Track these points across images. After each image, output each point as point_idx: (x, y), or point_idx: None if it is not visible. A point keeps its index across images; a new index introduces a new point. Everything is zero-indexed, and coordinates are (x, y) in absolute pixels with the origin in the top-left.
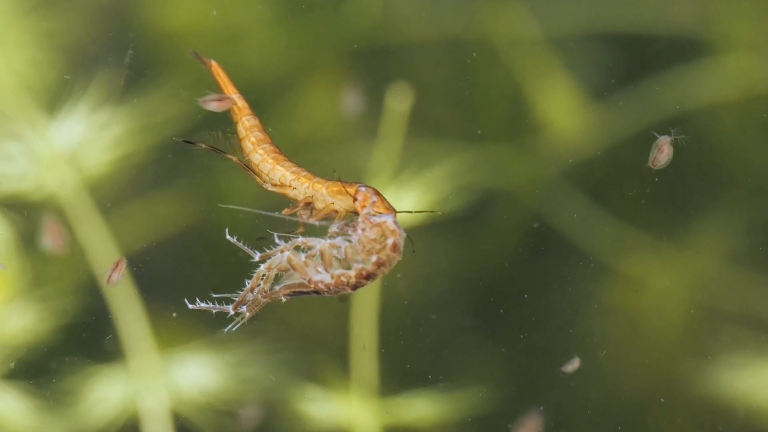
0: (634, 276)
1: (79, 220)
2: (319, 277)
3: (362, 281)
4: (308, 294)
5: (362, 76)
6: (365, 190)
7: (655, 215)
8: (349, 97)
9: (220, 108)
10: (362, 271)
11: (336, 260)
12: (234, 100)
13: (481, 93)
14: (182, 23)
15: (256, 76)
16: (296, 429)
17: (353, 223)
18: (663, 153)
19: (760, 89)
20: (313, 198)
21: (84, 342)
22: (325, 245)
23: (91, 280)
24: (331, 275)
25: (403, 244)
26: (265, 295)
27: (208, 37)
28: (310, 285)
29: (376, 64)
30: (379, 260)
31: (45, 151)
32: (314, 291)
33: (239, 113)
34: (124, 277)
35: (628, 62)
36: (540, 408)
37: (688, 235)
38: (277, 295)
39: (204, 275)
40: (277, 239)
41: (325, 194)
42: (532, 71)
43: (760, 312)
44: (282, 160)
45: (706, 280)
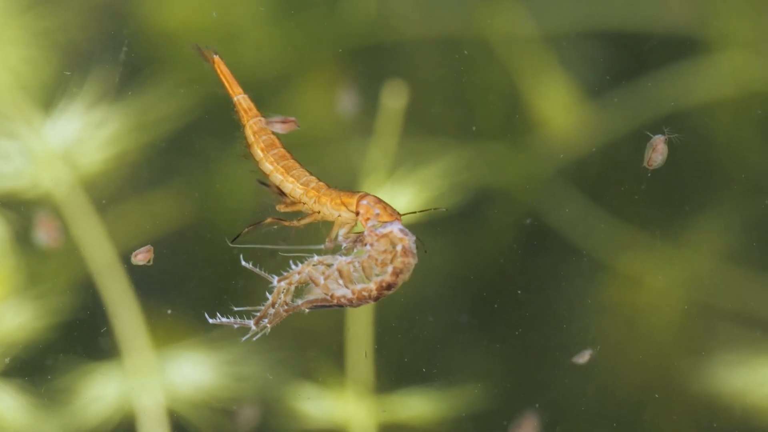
0: (630, 274)
1: (74, 218)
2: (341, 292)
3: (384, 292)
4: (331, 307)
5: (358, 74)
6: (366, 203)
7: (651, 213)
8: (344, 95)
9: (284, 130)
10: (382, 283)
11: (354, 275)
12: (239, 102)
13: (476, 91)
14: (178, 21)
15: (252, 74)
16: (292, 427)
17: (362, 237)
18: (658, 152)
19: (755, 87)
20: (321, 213)
21: (79, 340)
22: (342, 263)
23: (86, 278)
24: (352, 290)
25: (414, 246)
26: (286, 308)
27: (203, 35)
28: (333, 300)
29: (372, 62)
30: (395, 269)
31: (40, 148)
32: (337, 304)
33: (246, 115)
34: (121, 277)
35: (623, 60)
36: (536, 405)
37: (684, 232)
38: (299, 308)
39: (199, 273)
40: (293, 265)
41: (330, 207)
42: (527, 69)
43: (756, 309)
44: (292, 167)
45: (702, 277)
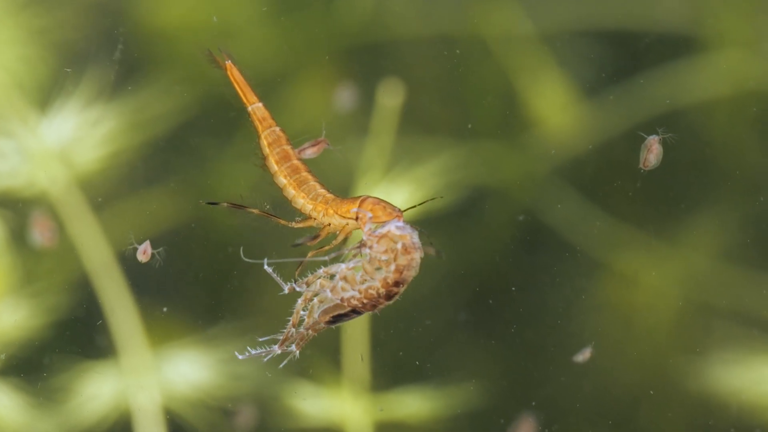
0: (627, 272)
1: (70, 217)
2: (349, 294)
3: (392, 289)
4: (348, 316)
5: (354, 73)
6: (358, 210)
7: (647, 211)
8: (340, 93)
9: (316, 153)
10: (387, 280)
11: (360, 279)
12: (254, 112)
13: (472, 89)
14: (174, 20)
15: (248, 72)
16: (289, 425)
17: (363, 242)
18: (653, 153)
19: (751, 85)
20: (331, 225)
21: (75, 338)
22: (345, 269)
23: (82, 277)
24: (359, 290)
25: (417, 241)
26: (309, 327)
27: (199, 34)
28: (345, 304)
29: (368, 61)
30: (398, 267)
31: (36, 147)
32: (352, 311)
33: (260, 126)
34: (117, 276)
35: (620, 59)
36: (533, 403)
37: (681, 230)
38: (319, 324)
39: (195, 271)
40: (297, 277)
41: (338, 218)
42: (523, 68)
43: (753, 308)
44: (304, 181)
45: (698, 276)
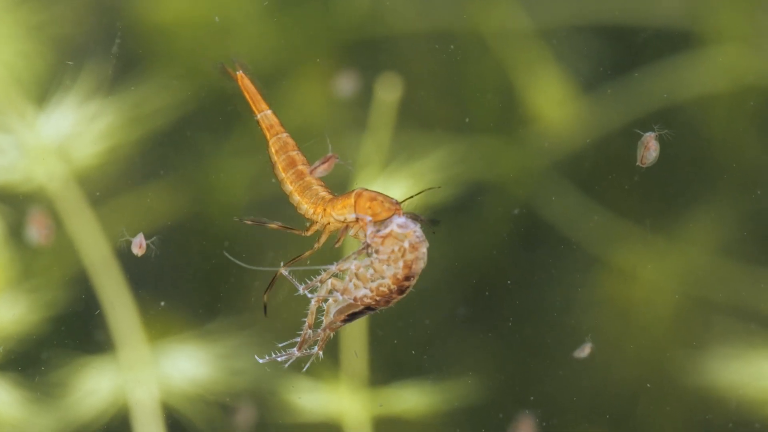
0: (625, 267)
1: (68, 212)
2: (362, 293)
3: (403, 284)
4: (363, 313)
5: (352, 68)
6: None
7: (645, 206)
8: (338, 88)
9: (328, 170)
10: (397, 275)
11: (371, 276)
12: (262, 120)
13: (470, 84)
14: (172, 15)
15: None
16: (286, 420)
17: (367, 245)
18: (650, 150)
19: (750, 81)
20: (331, 224)
21: (74, 333)
22: (357, 266)
23: (80, 272)
24: (370, 288)
25: (421, 233)
26: (326, 328)
27: (197, 30)
28: (358, 303)
29: (366, 56)
30: (406, 263)
31: (34, 142)
32: (366, 308)
33: (269, 133)
34: (115, 271)
35: (618, 54)
36: (531, 398)
37: (679, 225)
38: (336, 323)
39: (193, 267)
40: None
41: (336, 216)
42: (521, 63)
43: (751, 303)
44: (308, 186)
45: (696, 271)
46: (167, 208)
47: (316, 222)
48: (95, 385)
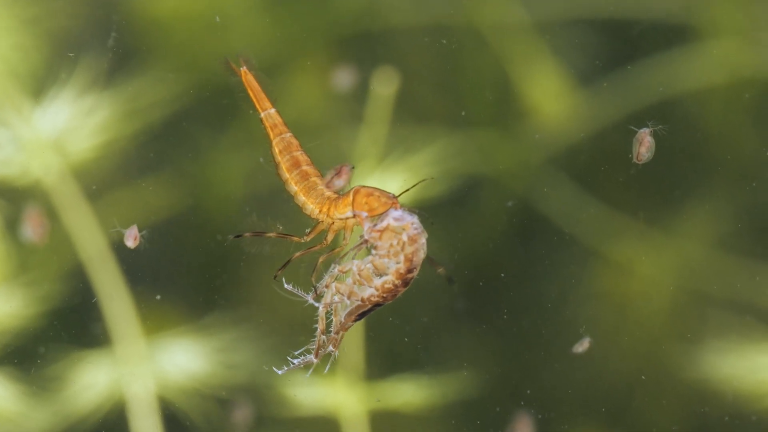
0: (621, 261)
1: (64, 206)
2: (368, 293)
3: (407, 276)
4: (371, 310)
5: (348, 62)
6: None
7: (641, 200)
8: (335, 82)
9: (346, 181)
10: (399, 270)
11: (374, 274)
12: (266, 119)
13: (466, 78)
14: (168, 8)
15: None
16: (283, 414)
17: (365, 240)
18: (645, 146)
19: (746, 73)
20: (335, 224)
21: (70, 327)
22: (359, 265)
23: (77, 266)
24: (375, 287)
25: (419, 225)
26: (338, 330)
27: (193, 23)
28: (366, 303)
29: (362, 50)
30: (407, 256)
31: (30, 136)
32: (374, 305)
33: (272, 133)
34: (111, 265)
35: (614, 47)
36: (527, 391)
37: (675, 219)
38: (347, 324)
39: (190, 260)
40: (314, 283)
41: (338, 214)
42: (517, 56)
43: (747, 296)
44: (312, 186)
45: (692, 264)
46: (163, 201)
47: (322, 222)
48: (92, 379)
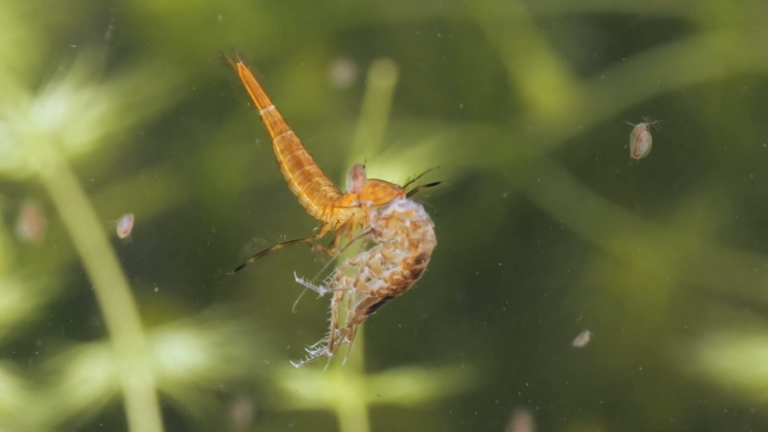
0: (619, 254)
1: (62, 200)
2: (378, 285)
3: (416, 267)
4: (382, 303)
5: (346, 56)
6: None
7: (640, 193)
8: (332, 76)
9: (362, 180)
10: (407, 260)
11: (382, 265)
12: (266, 116)
13: (464, 71)
14: (166, 2)
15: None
16: (281, 407)
17: (370, 230)
18: (642, 141)
19: (744, 67)
20: (340, 222)
21: (68, 321)
22: (368, 256)
23: (75, 259)
24: (384, 279)
25: (424, 213)
26: (351, 323)
27: (192, 17)
28: (376, 296)
29: (360, 43)
30: (412, 242)
31: (28, 130)
32: (385, 298)
33: (272, 131)
34: (109, 258)
35: (612, 41)
36: (526, 384)
37: (673, 213)
38: (359, 317)
39: (188, 254)
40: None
41: (344, 211)
42: (515, 49)
43: (745, 289)
44: (316, 187)
45: (691, 258)
46: (162, 195)
47: (327, 223)
48: (90, 372)
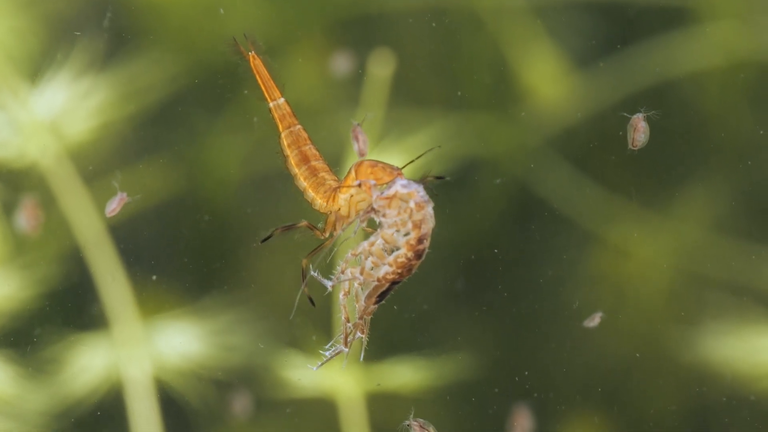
0: (618, 243)
1: (61, 189)
2: (383, 271)
3: (419, 248)
4: (390, 289)
5: (345, 45)
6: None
7: (639, 182)
8: (331, 65)
9: (364, 142)
10: (410, 241)
11: (385, 250)
12: (275, 109)
13: (463, 60)
14: None
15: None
16: (280, 396)
17: (372, 209)
18: (640, 132)
19: (743, 56)
20: (341, 210)
21: (67, 310)
22: (368, 245)
23: (73, 248)
24: (389, 264)
25: (425, 193)
26: (362, 315)
27: (191, 5)
28: (383, 282)
29: (359, 32)
30: (415, 223)
31: (27, 119)
32: (391, 283)
33: (281, 124)
34: (108, 247)
35: (611, 29)
36: (525, 372)
37: (672, 201)
38: (369, 308)
39: (186, 243)
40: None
41: (341, 196)
42: (514, 38)
43: (744, 278)
44: (321, 182)
45: (690, 246)
46: (160, 183)
47: (331, 213)
48: (88, 361)
